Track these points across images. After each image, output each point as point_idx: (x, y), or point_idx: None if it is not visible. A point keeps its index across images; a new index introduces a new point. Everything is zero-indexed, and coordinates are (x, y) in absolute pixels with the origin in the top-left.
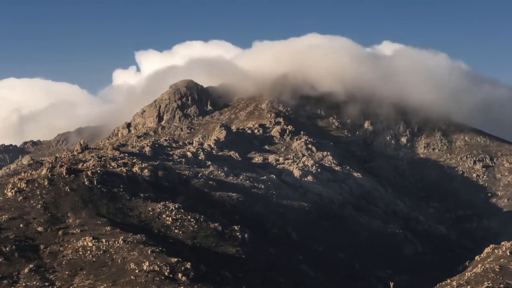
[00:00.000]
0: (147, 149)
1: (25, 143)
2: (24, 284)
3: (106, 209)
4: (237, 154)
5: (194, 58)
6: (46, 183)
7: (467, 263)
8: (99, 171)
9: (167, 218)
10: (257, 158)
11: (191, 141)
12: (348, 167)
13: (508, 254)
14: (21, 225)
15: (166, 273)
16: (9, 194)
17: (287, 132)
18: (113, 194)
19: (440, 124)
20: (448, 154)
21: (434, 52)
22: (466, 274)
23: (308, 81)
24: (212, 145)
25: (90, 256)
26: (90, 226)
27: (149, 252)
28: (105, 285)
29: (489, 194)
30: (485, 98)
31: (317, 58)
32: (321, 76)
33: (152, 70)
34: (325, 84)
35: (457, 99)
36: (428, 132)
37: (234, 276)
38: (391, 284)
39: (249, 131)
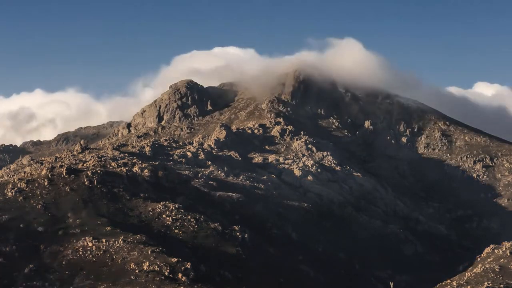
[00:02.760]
0: (147, 149)
1: (25, 143)
2: (24, 284)
3: (106, 209)
4: (237, 154)
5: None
6: (46, 183)
7: (467, 263)
8: (99, 171)
9: (167, 218)
10: (257, 158)
11: (191, 141)
12: (348, 167)
13: (508, 254)
14: (21, 225)
15: (166, 273)
16: (9, 194)
17: (287, 132)
18: (113, 194)
19: (440, 124)
20: (448, 154)
21: None
22: (466, 274)
23: (308, 80)
24: (212, 145)
25: (90, 256)
26: (90, 226)
27: (149, 252)
28: (105, 285)
29: (489, 194)
30: None
31: (318, 58)
32: (321, 76)
33: None
34: (325, 84)
35: None
36: (428, 132)
37: (234, 276)
38: (391, 284)
39: (249, 131)
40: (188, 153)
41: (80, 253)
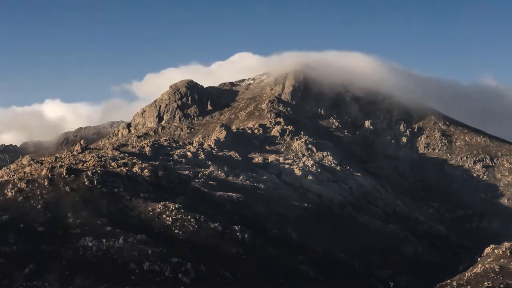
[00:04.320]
0: (147, 149)
1: (25, 143)
2: (24, 284)
3: (106, 209)
4: (237, 154)
5: None
6: (46, 183)
7: (467, 263)
8: (99, 171)
9: (167, 218)
10: (257, 158)
11: (191, 141)
12: (348, 167)
13: (508, 254)
14: (21, 225)
15: (166, 273)
16: (9, 194)
17: (287, 132)
18: (113, 194)
19: (440, 124)
20: (448, 154)
21: None
22: (466, 274)
23: (308, 80)
24: (212, 145)
25: (90, 256)
26: (90, 226)
27: (149, 252)
28: (105, 285)
29: (489, 194)
30: None
31: (318, 58)
32: (322, 76)
33: None
34: (325, 84)
35: None
36: (428, 132)
37: (234, 276)
38: (391, 284)
39: (249, 131)
40: (188, 153)
41: (80, 253)
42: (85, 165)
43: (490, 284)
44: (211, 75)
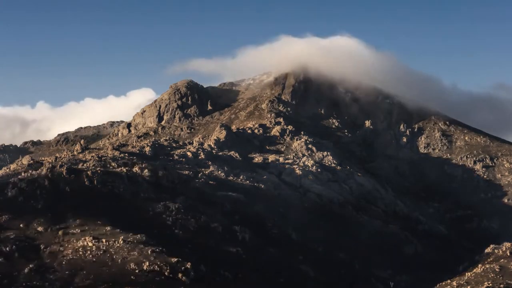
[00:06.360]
0: (147, 149)
1: (25, 143)
2: (24, 284)
3: (106, 209)
4: (237, 154)
5: None
6: (46, 183)
7: (467, 263)
8: (99, 171)
9: (167, 218)
10: (257, 158)
11: (191, 141)
12: (348, 167)
13: (508, 254)
14: (21, 225)
15: (166, 273)
16: (9, 194)
17: (287, 132)
18: (113, 194)
19: (440, 124)
20: (448, 154)
21: None
22: (466, 274)
23: (308, 80)
24: (212, 145)
25: (90, 256)
26: (90, 226)
27: (149, 252)
28: (105, 285)
29: (489, 194)
30: None
31: (318, 57)
32: (322, 76)
33: None
34: (325, 83)
35: None
36: (428, 132)
37: (234, 276)
38: (391, 284)
39: (249, 131)
40: (188, 153)
41: (80, 253)
42: (85, 165)
43: (490, 284)
44: None
